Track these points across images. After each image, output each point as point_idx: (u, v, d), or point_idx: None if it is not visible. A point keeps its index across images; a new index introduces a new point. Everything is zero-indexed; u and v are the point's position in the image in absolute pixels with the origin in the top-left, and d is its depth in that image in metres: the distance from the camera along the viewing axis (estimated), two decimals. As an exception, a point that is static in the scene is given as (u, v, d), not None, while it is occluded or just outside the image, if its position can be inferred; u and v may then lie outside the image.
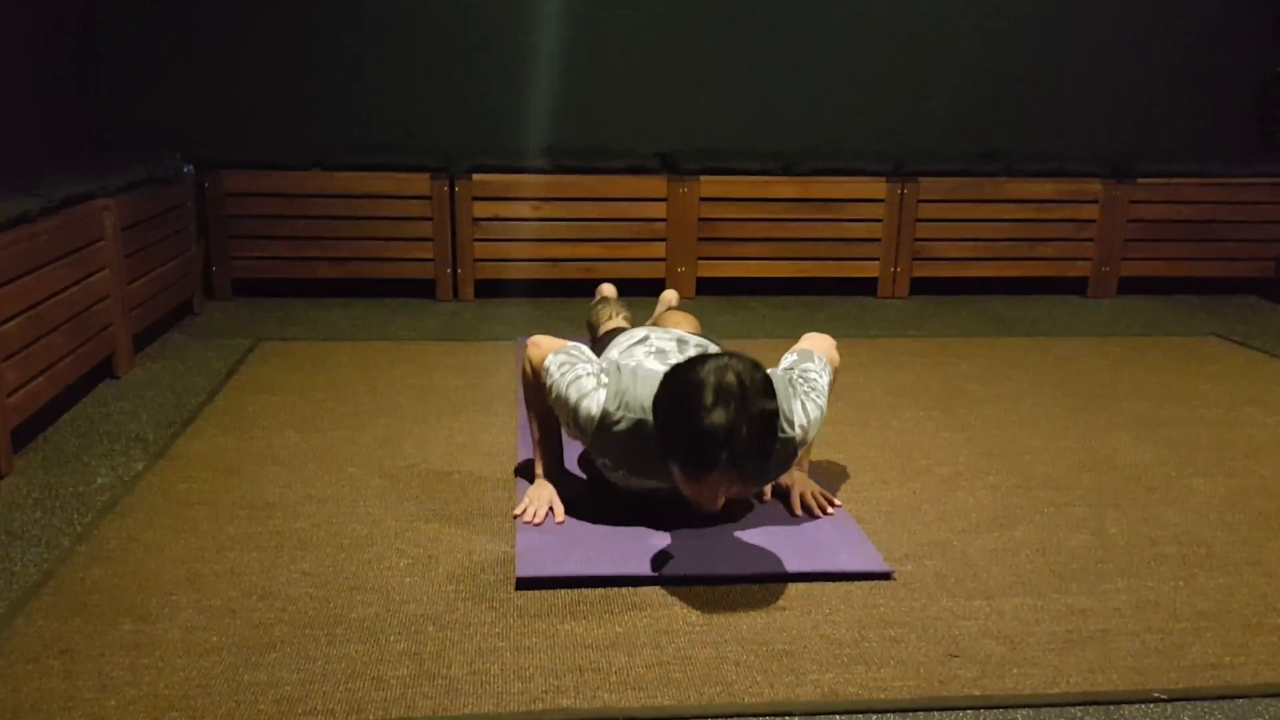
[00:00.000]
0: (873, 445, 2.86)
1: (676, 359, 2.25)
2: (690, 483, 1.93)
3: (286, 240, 4.43)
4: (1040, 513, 2.45)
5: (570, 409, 2.17)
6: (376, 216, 4.44)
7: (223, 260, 4.44)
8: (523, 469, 2.59)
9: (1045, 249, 4.80)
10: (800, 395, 2.20)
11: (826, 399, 2.26)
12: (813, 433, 2.21)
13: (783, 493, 2.43)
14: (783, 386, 2.14)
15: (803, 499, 2.38)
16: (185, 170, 4.17)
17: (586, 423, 2.15)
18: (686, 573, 2.07)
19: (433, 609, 1.96)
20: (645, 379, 2.13)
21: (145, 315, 3.59)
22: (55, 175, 3.19)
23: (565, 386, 2.17)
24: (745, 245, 4.64)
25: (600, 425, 2.13)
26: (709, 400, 1.84)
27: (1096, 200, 4.77)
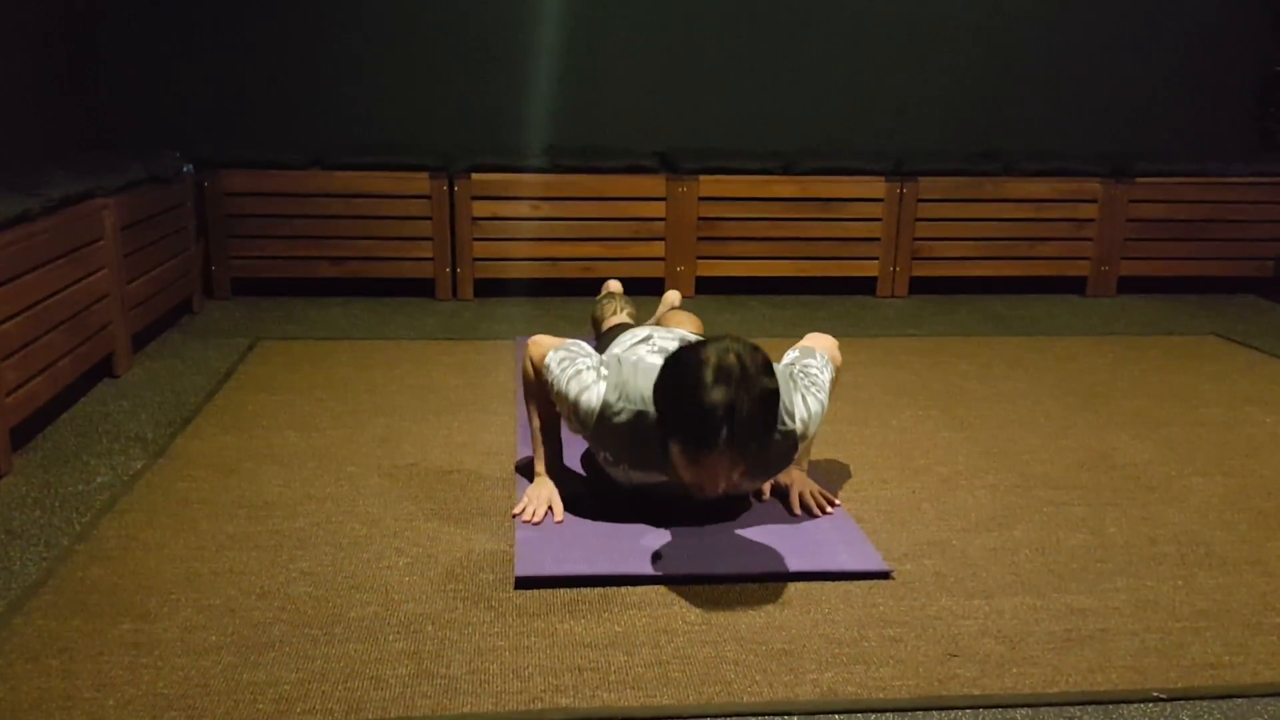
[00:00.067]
0: (872, 444, 2.86)
1: None
2: (691, 465, 1.94)
3: (286, 239, 4.43)
4: (1039, 512, 2.45)
5: (571, 402, 2.18)
6: (376, 216, 4.44)
7: (222, 259, 4.44)
8: (522, 467, 2.59)
9: (1044, 248, 4.80)
10: (801, 389, 2.20)
11: (827, 394, 2.26)
12: (813, 426, 2.21)
13: (782, 492, 2.43)
14: (783, 379, 2.14)
15: (802, 498, 2.39)
16: (185, 169, 4.17)
17: (587, 415, 2.16)
18: (685, 572, 2.07)
19: (432, 608, 1.96)
20: (646, 371, 2.14)
21: (144, 314, 3.59)
22: (54, 175, 3.18)
23: (566, 381, 2.18)
24: (744, 245, 4.64)
25: (601, 417, 2.14)
26: (710, 378, 1.86)
27: (1096, 199, 4.77)
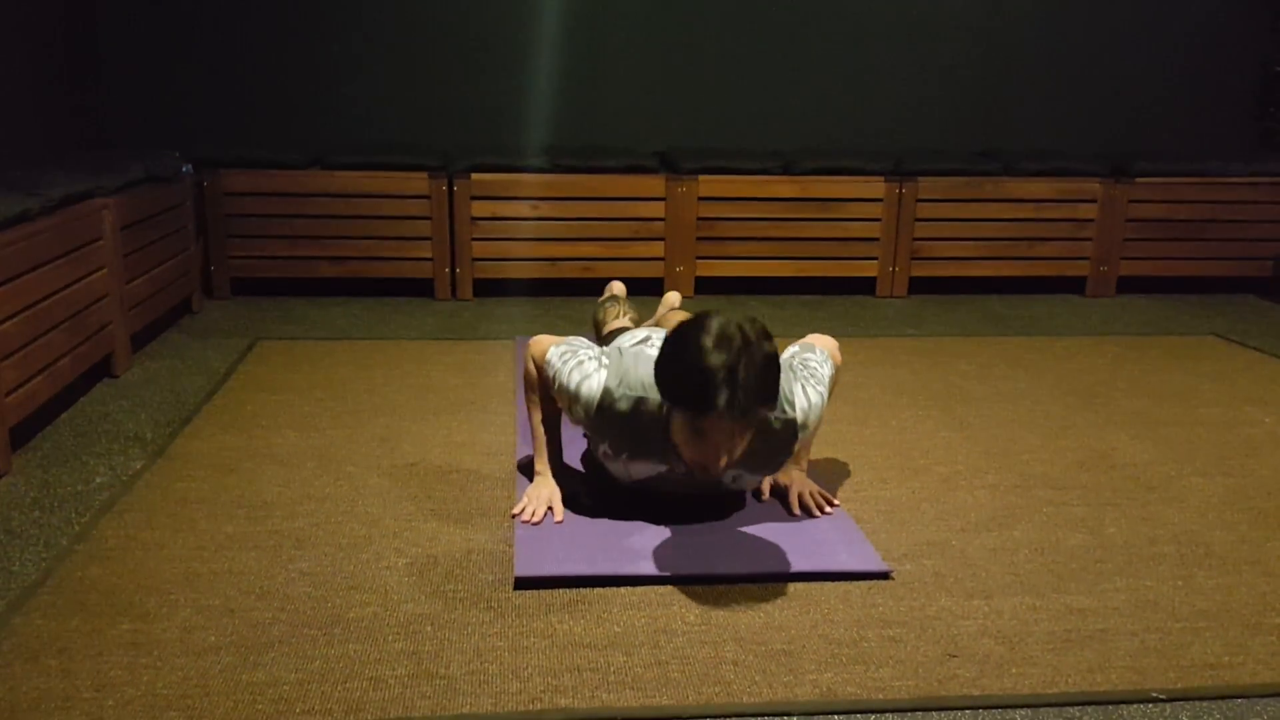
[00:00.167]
0: (871, 444, 2.86)
1: None
2: (694, 438, 1.95)
3: (285, 239, 4.43)
4: (1039, 512, 2.45)
5: (572, 392, 2.18)
6: (375, 216, 4.44)
7: (221, 259, 4.44)
8: (522, 467, 2.59)
9: (1044, 248, 4.80)
10: (800, 379, 2.21)
11: (827, 388, 2.26)
12: (813, 418, 2.21)
13: (781, 492, 2.43)
14: (784, 369, 2.14)
15: (801, 498, 2.38)
16: (184, 169, 4.17)
17: (588, 402, 2.16)
18: (685, 572, 2.07)
19: (431, 608, 1.96)
20: (646, 361, 2.15)
21: (144, 314, 3.59)
22: (54, 174, 3.18)
23: (568, 372, 2.19)
24: (744, 245, 4.63)
25: (601, 405, 2.15)
26: (710, 344, 1.89)
27: (1095, 199, 4.77)
